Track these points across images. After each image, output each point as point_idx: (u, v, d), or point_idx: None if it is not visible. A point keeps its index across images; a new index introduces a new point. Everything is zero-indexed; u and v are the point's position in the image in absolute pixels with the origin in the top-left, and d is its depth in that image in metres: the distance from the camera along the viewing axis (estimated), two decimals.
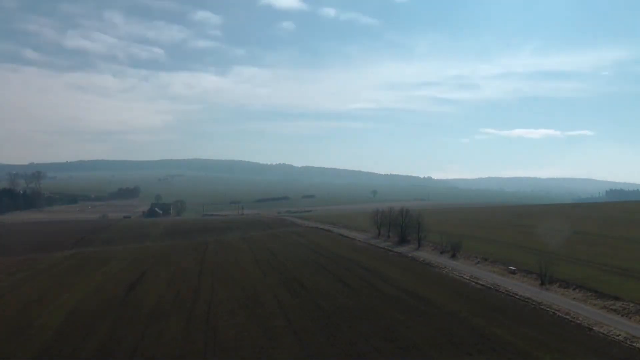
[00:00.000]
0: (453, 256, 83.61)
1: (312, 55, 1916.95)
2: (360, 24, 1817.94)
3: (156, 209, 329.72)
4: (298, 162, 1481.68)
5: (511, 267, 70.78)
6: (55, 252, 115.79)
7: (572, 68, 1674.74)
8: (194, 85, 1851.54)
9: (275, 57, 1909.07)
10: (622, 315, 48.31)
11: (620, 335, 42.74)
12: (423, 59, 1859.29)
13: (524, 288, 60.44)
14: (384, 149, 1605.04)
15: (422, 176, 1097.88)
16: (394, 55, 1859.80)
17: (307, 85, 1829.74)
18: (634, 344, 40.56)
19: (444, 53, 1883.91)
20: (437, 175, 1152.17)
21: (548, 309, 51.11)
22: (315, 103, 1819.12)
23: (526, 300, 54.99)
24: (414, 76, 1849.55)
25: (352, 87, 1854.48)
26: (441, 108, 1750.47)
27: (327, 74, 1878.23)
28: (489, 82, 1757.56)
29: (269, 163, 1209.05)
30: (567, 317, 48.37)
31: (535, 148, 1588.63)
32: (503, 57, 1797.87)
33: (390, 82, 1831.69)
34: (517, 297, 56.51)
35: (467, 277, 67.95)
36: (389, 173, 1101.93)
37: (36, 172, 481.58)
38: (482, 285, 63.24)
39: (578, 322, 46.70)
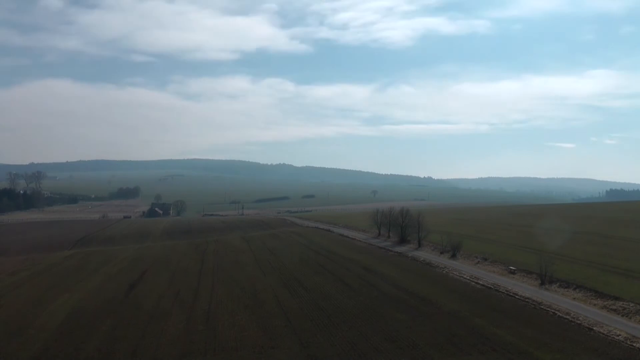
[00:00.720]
0: (453, 256, 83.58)
1: None
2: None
3: (156, 209, 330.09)
4: (298, 162, 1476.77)
5: (511, 267, 70.76)
6: (55, 252, 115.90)
7: None
8: None
9: None
10: (622, 315, 48.28)
11: (620, 335, 42.71)
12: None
13: (524, 288, 60.41)
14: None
15: (422, 176, 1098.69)
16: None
17: None
18: (634, 344, 40.54)
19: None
20: (437, 175, 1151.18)
21: (548, 309, 51.07)
22: None
23: (526, 300, 54.95)
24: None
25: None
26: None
27: None
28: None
29: (269, 163, 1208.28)
30: (567, 317, 48.34)
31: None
32: None
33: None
34: (517, 297, 56.47)
35: (467, 277, 67.92)
36: (389, 173, 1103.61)
37: (36, 172, 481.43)
38: (482, 285, 63.20)
39: (578, 322, 46.66)
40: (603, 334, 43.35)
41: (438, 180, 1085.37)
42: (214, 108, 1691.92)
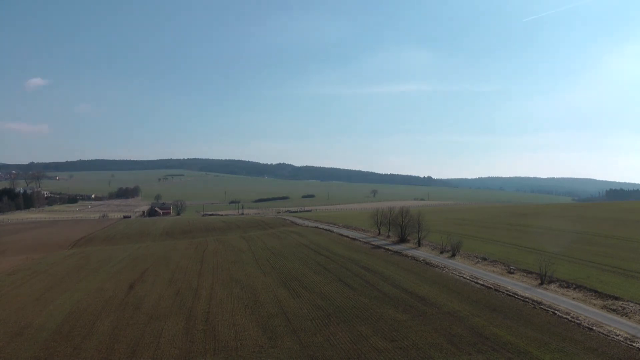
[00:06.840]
0: (453, 256, 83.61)
1: None
2: None
3: (156, 208, 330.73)
4: (298, 162, 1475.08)
5: (511, 267, 70.80)
6: (55, 252, 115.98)
7: None
8: None
9: None
10: (622, 315, 48.31)
11: (620, 335, 42.75)
12: None
13: (523, 288, 60.43)
14: None
15: (422, 176, 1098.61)
16: None
17: None
18: (634, 344, 40.57)
19: None
20: (437, 175, 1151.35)
21: (548, 309, 51.08)
22: None
23: (526, 300, 54.95)
24: None
25: None
26: None
27: None
28: None
29: (269, 163, 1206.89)
30: (567, 317, 48.35)
31: None
32: None
33: None
34: (516, 296, 56.47)
35: (467, 277, 67.92)
36: (389, 173, 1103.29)
37: (36, 172, 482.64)
38: (482, 285, 63.20)
39: (578, 322, 46.68)
40: (603, 333, 43.37)
41: (438, 180, 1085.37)
42: None
